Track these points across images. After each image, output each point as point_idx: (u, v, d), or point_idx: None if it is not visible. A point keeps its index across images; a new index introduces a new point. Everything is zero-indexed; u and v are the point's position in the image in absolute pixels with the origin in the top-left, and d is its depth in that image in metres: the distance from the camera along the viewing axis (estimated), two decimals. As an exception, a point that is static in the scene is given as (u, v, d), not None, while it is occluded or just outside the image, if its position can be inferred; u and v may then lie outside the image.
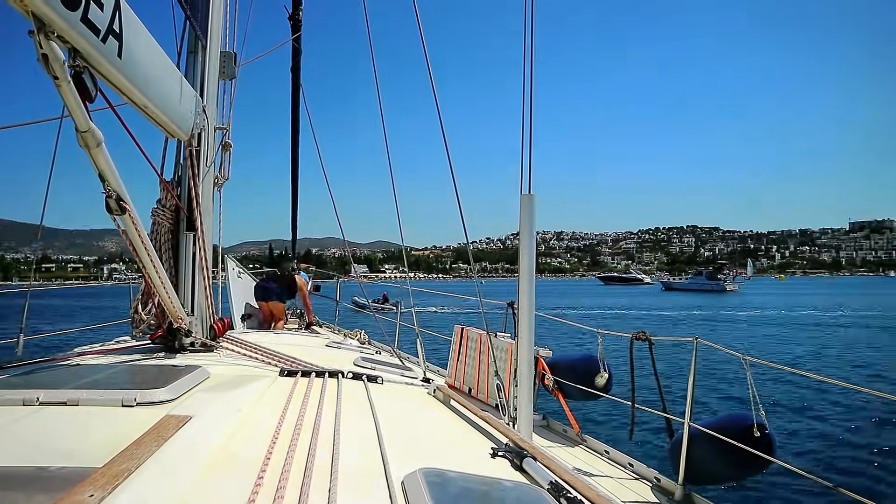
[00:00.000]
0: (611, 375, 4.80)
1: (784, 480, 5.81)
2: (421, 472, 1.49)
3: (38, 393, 1.90)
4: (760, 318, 30.69)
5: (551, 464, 1.77)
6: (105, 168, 2.16)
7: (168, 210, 3.36)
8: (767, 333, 23.00)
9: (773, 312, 34.88)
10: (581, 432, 4.67)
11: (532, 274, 2.96)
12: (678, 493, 3.55)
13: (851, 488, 2.94)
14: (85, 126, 1.99)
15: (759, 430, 3.30)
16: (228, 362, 3.04)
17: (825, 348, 17.88)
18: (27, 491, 1.23)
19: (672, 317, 33.11)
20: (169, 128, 2.83)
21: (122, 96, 2.34)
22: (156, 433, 1.51)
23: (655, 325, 26.74)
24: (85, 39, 1.87)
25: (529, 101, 2.94)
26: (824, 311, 34.93)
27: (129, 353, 3.10)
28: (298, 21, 6.66)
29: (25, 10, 1.67)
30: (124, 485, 1.16)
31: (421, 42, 3.76)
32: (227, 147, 3.80)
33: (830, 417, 8.95)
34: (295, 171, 8.04)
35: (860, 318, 30.26)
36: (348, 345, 5.13)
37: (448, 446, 2.12)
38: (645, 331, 4.26)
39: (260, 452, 1.54)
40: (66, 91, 1.85)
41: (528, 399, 3.02)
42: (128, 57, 2.17)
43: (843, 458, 7.06)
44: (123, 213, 2.31)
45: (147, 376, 2.42)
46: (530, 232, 2.93)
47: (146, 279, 2.96)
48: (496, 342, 4.69)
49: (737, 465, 3.44)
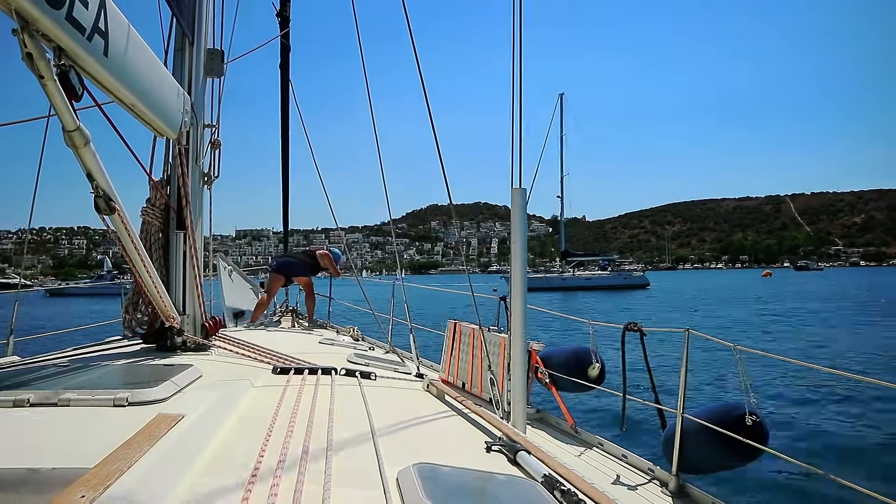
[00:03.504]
0: (603, 366, 4.83)
1: (777, 468, 5.87)
2: (415, 467, 1.49)
3: (29, 394, 1.89)
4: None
5: (545, 457, 1.78)
6: (93, 167, 2.14)
7: (158, 209, 3.35)
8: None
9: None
10: (575, 425, 4.69)
11: (524, 267, 2.97)
12: (672, 483, 3.58)
13: (843, 475, 2.97)
14: (72, 125, 1.97)
15: (752, 419, 3.33)
16: (220, 361, 3.03)
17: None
18: (18, 492, 1.23)
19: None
20: (157, 126, 2.81)
21: (109, 95, 2.32)
22: (148, 433, 1.51)
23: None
24: (70, 38, 1.85)
25: (519, 95, 2.94)
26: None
27: (121, 353, 3.09)
28: (287, 18, 6.63)
29: (9, 9, 1.66)
30: (116, 485, 1.16)
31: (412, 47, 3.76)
32: (216, 145, 3.78)
33: (821, 405, 9.04)
34: (286, 167, 8.02)
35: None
36: (341, 341, 5.13)
37: (442, 441, 2.12)
38: (636, 321, 4.28)
39: (253, 450, 1.54)
40: (52, 90, 1.84)
41: (521, 393, 3.03)
42: (114, 55, 2.15)
43: (835, 446, 7.13)
44: (112, 212, 2.30)
45: (138, 376, 2.41)
46: (522, 225, 2.93)
47: (137, 279, 2.94)
48: (489, 336, 4.70)
49: (730, 455, 3.47)
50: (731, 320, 23.64)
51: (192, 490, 1.28)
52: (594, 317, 6.12)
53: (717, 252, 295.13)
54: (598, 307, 32.86)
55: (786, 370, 11.04)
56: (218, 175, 3.79)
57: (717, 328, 20.05)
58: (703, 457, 3.63)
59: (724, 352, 7.57)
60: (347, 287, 9.29)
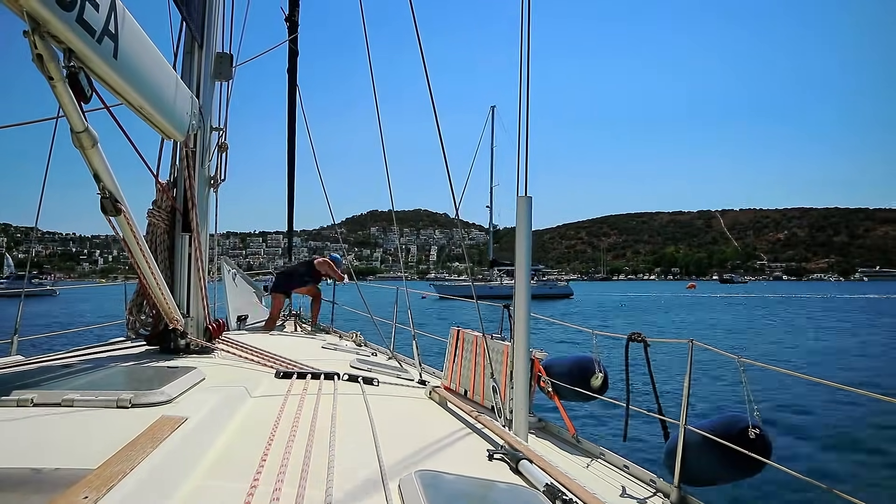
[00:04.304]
0: (606, 377, 4.80)
1: (779, 482, 5.82)
2: (417, 475, 1.49)
3: (33, 394, 1.89)
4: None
5: (547, 466, 1.77)
6: (100, 169, 2.15)
7: (164, 211, 3.35)
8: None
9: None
10: (577, 434, 4.67)
11: (528, 275, 2.97)
12: (673, 494, 3.55)
13: (846, 490, 2.94)
14: (80, 126, 1.98)
15: (754, 432, 3.31)
16: (224, 364, 3.03)
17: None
18: (22, 492, 1.23)
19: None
20: (164, 129, 2.82)
21: (118, 97, 2.34)
22: (151, 434, 1.51)
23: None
24: (80, 40, 1.86)
25: (526, 103, 2.94)
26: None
27: (125, 355, 3.09)
28: (295, 22, 6.66)
29: (20, 11, 1.67)
30: (119, 486, 1.16)
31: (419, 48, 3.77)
32: (223, 148, 3.79)
33: (825, 419, 8.98)
34: (291, 171, 8.04)
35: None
36: (344, 346, 5.12)
37: (444, 448, 2.12)
38: (640, 332, 4.26)
39: (256, 454, 1.54)
40: (62, 91, 1.85)
41: (523, 401, 3.02)
42: (123, 58, 2.16)
43: (838, 461, 7.08)
44: (119, 214, 2.31)
45: (142, 378, 2.41)
46: (527, 233, 2.93)
47: (141, 280, 2.95)
48: (492, 344, 4.69)
49: (732, 467, 3.44)
50: (620, 328, 24.44)
51: (194, 492, 1.28)
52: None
53: (651, 264, 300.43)
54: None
55: (788, 383, 10.98)
56: (224, 178, 3.80)
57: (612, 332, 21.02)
58: (704, 469, 3.61)
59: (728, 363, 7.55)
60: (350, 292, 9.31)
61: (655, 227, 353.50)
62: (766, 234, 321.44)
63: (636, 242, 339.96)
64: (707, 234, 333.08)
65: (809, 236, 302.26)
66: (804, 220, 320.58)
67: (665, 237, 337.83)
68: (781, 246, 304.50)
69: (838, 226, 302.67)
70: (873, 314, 35.37)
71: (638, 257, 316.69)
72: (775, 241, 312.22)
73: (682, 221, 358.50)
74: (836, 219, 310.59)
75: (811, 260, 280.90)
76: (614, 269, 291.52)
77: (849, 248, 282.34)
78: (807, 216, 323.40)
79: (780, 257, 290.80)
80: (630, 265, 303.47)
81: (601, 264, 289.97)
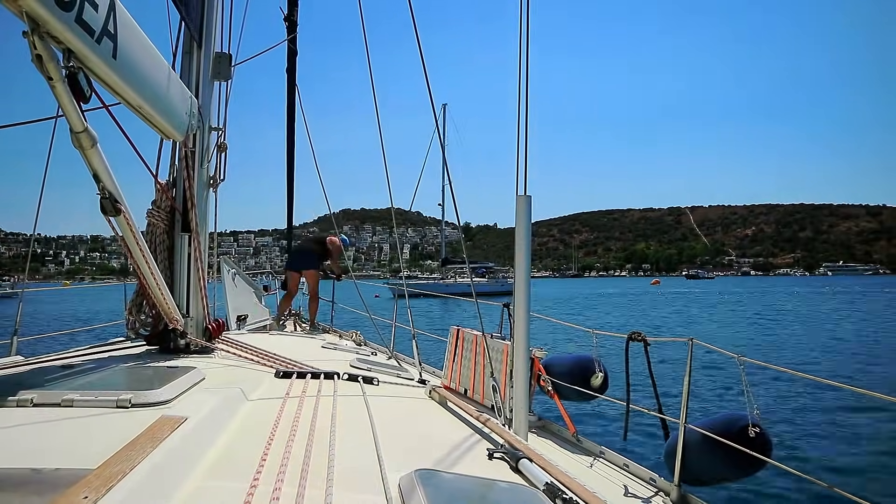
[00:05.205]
0: (606, 376, 4.80)
1: (779, 480, 5.82)
2: (417, 474, 1.49)
3: (32, 394, 1.89)
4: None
5: (547, 465, 1.78)
6: (100, 169, 2.15)
7: (163, 211, 3.35)
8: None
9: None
10: (577, 433, 4.67)
11: (528, 274, 2.97)
12: (674, 493, 3.55)
13: (847, 489, 2.94)
14: (80, 126, 1.98)
15: (755, 431, 3.31)
16: (224, 364, 3.03)
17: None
18: (21, 493, 1.23)
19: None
20: (164, 129, 2.82)
21: (117, 97, 2.34)
22: (151, 435, 1.51)
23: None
24: (79, 40, 1.86)
25: (525, 102, 2.94)
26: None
27: (124, 355, 3.09)
28: (294, 22, 6.65)
29: (20, 11, 1.67)
30: (118, 486, 1.16)
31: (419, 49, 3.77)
32: (223, 148, 3.79)
33: (825, 418, 8.98)
34: (290, 170, 8.03)
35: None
36: (344, 346, 5.12)
37: (444, 447, 2.12)
38: (640, 331, 4.26)
39: (255, 454, 1.54)
40: (61, 91, 1.85)
41: (523, 400, 3.02)
42: (122, 58, 2.16)
43: (839, 459, 7.08)
44: (118, 214, 2.31)
45: (142, 378, 2.41)
46: (526, 232, 2.94)
47: (141, 280, 2.95)
48: (492, 343, 4.69)
49: (732, 466, 3.44)
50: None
51: (194, 492, 1.28)
52: (462, 322, 6.25)
53: (622, 260, 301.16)
54: (470, 312, 34.55)
55: (789, 381, 10.99)
56: (224, 178, 3.80)
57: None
58: (705, 467, 3.61)
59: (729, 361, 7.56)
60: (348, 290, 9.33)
61: (626, 224, 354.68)
62: (734, 231, 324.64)
63: (607, 239, 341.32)
64: (677, 231, 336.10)
65: (776, 232, 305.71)
66: (771, 216, 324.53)
67: (636, 234, 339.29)
68: (749, 242, 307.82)
69: (803, 221, 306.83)
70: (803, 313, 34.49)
71: (609, 254, 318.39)
72: (743, 237, 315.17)
73: (653, 218, 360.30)
74: (801, 215, 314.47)
75: (778, 255, 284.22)
76: (586, 265, 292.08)
77: (814, 243, 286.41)
78: (773, 212, 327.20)
79: (748, 253, 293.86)
80: (602, 262, 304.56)
81: (573, 261, 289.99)
